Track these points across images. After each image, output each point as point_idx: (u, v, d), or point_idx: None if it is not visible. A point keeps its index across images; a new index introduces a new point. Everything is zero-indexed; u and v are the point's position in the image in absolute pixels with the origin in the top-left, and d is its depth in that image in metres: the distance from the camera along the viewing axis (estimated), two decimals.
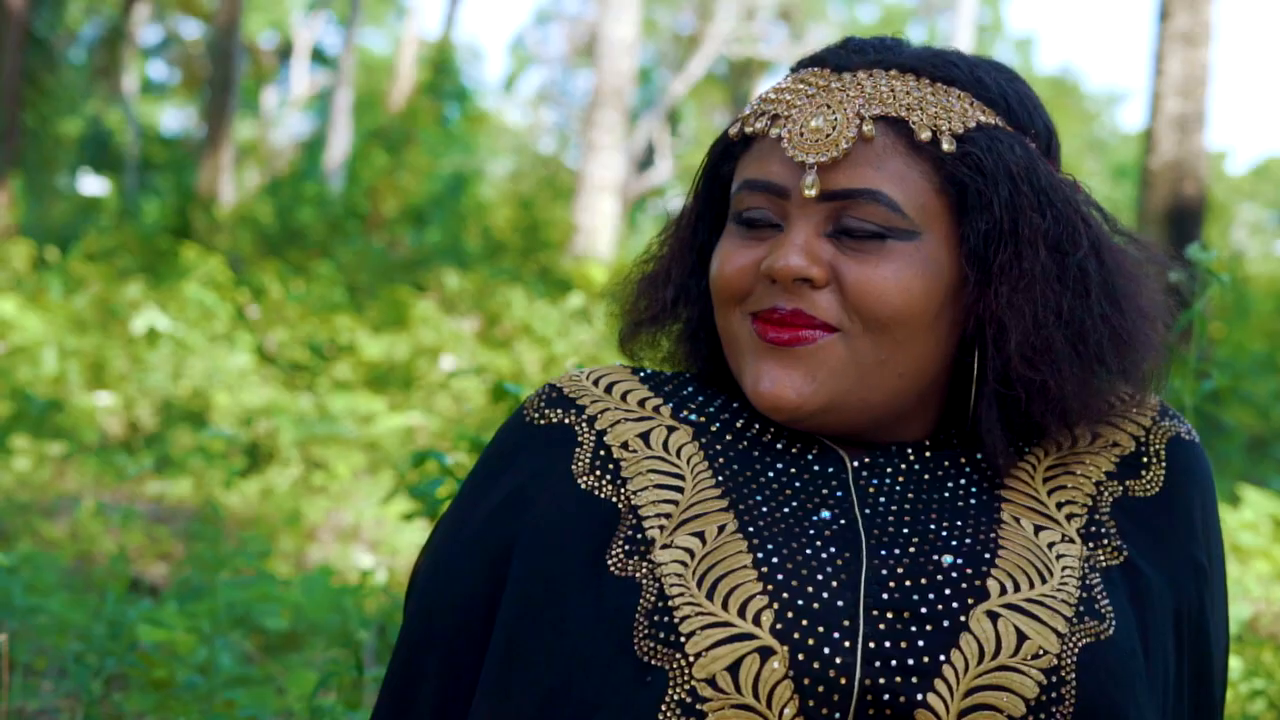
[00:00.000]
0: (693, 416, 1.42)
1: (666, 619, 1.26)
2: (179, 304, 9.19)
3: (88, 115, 29.05)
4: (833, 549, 1.30)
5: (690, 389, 1.45)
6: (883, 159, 1.35)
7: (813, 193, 1.34)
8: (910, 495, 1.36)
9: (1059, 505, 1.37)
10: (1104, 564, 1.34)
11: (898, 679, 1.23)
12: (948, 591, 1.27)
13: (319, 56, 34.28)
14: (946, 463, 1.40)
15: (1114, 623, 1.29)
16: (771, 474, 1.37)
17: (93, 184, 28.12)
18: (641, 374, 1.47)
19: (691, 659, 1.24)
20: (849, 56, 1.41)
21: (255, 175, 26.44)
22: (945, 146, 1.35)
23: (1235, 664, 3.23)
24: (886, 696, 1.22)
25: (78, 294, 10.18)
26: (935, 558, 1.30)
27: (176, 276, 10.34)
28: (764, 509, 1.33)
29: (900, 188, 1.34)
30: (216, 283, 9.89)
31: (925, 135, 1.35)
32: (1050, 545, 1.32)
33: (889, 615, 1.25)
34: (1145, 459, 1.41)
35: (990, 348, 1.35)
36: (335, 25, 34.30)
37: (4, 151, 14.78)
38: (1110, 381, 1.38)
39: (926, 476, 1.38)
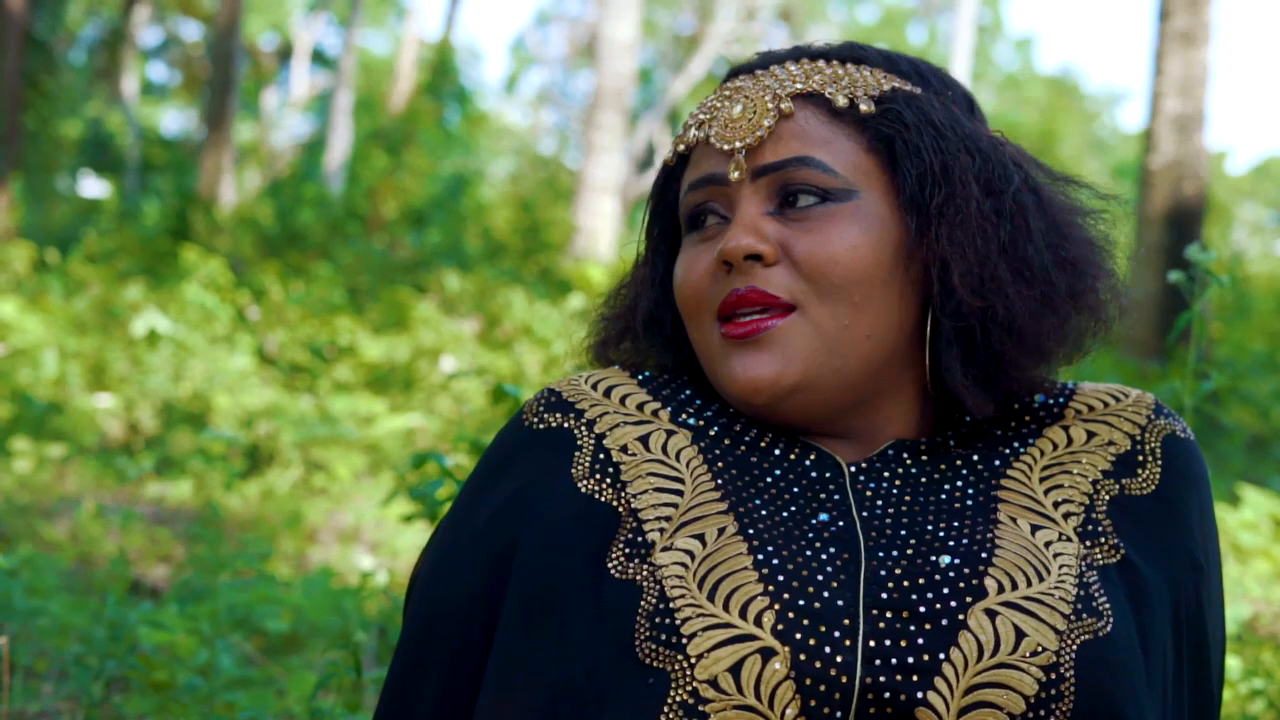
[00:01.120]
0: (691, 420, 1.43)
1: (668, 621, 1.27)
2: (179, 306, 9.20)
3: (88, 117, 29.06)
4: (832, 550, 1.30)
5: (688, 392, 1.46)
6: (806, 130, 1.40)
7: (736, 175, 1.39)
8: (907, 498, 1.36)
9: (1055, 504, 1.37)
10: (1101, 562, 1.34)
11: (898, 677, 1.23)
12: (946, 591, 1.27)
13: (319, 58, 34.29)
14: (943, 465, 1.40)
15: (1112, 620, 1.29)
16: (770, 479, 1.37)
17: (93, 186, 28.12)
18: (640, 377, 1.48)
19: (693, 660, 1.24)
20: (762, 59, 1.48)
21: (255, 177, 26.46)
22: (864, 109, 1.41)
23: (1235, 664, 3.23)
24: (887, 695, 1.22)
25: (78, 296, 10.19)
26: (933, 559, 1.30)
27: (177, 278, 10.35)
28: (763, 513, 1.34)
29: (828, 150, 1.39)
30: (217, 284, 9.90)
31: (842, 102, 1.41)
32: (1047, 544, 1.33)
33: (888, 615, 1.26)
34: (1141, 457, 1.42)
35: (937, 286, 1.38)
36: (335, 26, 34.30)
37: (4, 153, 14.79)
38: (1065, 307, 1.41)
39: (923, 480, 1.38)
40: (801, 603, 1.25)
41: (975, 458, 1.41)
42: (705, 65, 25.99)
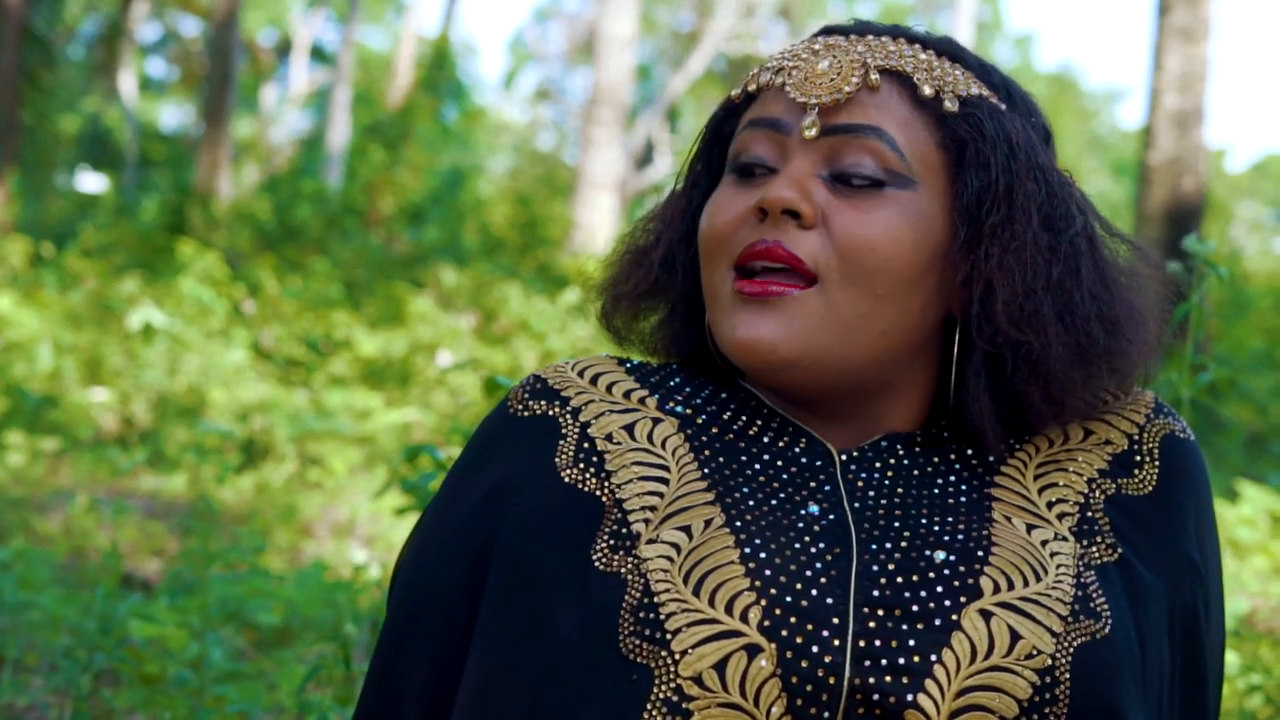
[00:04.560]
0: (679, 408, 1.39)
1: (652, 616, 1.24)
2: (175, 300, 9.18)
3: (86, 112, 29.04)
4: (821, 544, 1.27)
5: (677, 380, 1.43)
6: (886, 104, 1.35)
7: (813, 133, 1.34)
8: (900, 490, 1.33)
9: (1050, 504, 1.34)
10: (1099, 561, 1.31)
11: (888, 678, 1.20)
12: (939, 589, 1.24)
13: (318, 53, 34.25)
14: (936, 458, 1.37)
15: (1110, 621, 1.27)
16: (758, 466, 1.34)
17: (91, 181, 28.09)
18: (627, 365, 1.45)
19: (678, 656, 1.22)
20: (859, 26, 1.43)
21: (254, 172, 26.43)
22: (948, 105, 1.36)
23: (1232, 659, 3.22)
24: (876, 696, 1.20)
25: (74, 290, 10.16)
26: (927, 554, 1.27)
27: (173, 272, 10.32)
28: (750, 502, 1.30)
29: (902, 132, 1.34)
30: (213, 279, 9.87)
31: (928, 91, 1.36)
32: (1044, 543, 1.30)
33: (879, 613, 1.23)
34: (1138, 457, 1.39)
35: (976, 307, 1.34)
36: (334, 22, 34.27)
37: (2, 148, 14.77)
38: (1096, 364, 1.36)
39: (916, 472, 1.35)
40: (789, 599, 1.23)
41: (969, 451, 1.37)
42: (704, 62, 25.96)
